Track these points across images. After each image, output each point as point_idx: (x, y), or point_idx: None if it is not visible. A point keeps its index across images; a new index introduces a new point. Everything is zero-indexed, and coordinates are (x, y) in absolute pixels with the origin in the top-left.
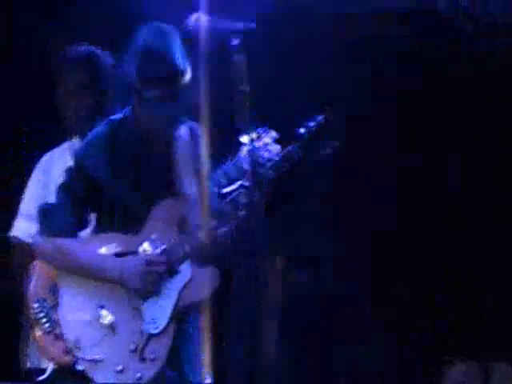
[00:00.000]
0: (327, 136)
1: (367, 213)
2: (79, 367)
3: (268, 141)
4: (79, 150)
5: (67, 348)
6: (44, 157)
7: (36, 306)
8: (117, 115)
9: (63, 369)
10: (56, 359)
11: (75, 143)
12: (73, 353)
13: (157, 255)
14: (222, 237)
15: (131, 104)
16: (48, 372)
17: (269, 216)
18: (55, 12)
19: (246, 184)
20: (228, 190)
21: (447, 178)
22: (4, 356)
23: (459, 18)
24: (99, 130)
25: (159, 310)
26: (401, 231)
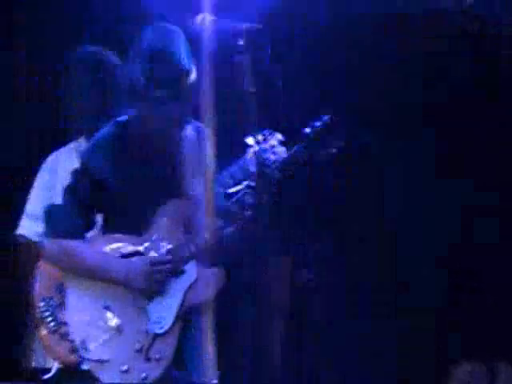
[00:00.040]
0: (333, 136)
1: (367, 213)
2: (84, 367)
3: (274, 143)
4: (85, 152)
5: (72, 347)
6: (50, 157)
7: (41, 305)
8: (123, 117)
9: (68, 368)
10: (61, 358)
11: (81, 143)
12: (79, 353)
13: (162, 255)
14: (228, 237)
15: (137, 105)
16: (53, 371)
17: (274, 216)
18: (60, 12)
19: (253, 184)
20: (234, 190)
21: (447, 178)
22: (4, 356)
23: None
24: (105, 132)
25: (164, 310)
26: (401, 231)
